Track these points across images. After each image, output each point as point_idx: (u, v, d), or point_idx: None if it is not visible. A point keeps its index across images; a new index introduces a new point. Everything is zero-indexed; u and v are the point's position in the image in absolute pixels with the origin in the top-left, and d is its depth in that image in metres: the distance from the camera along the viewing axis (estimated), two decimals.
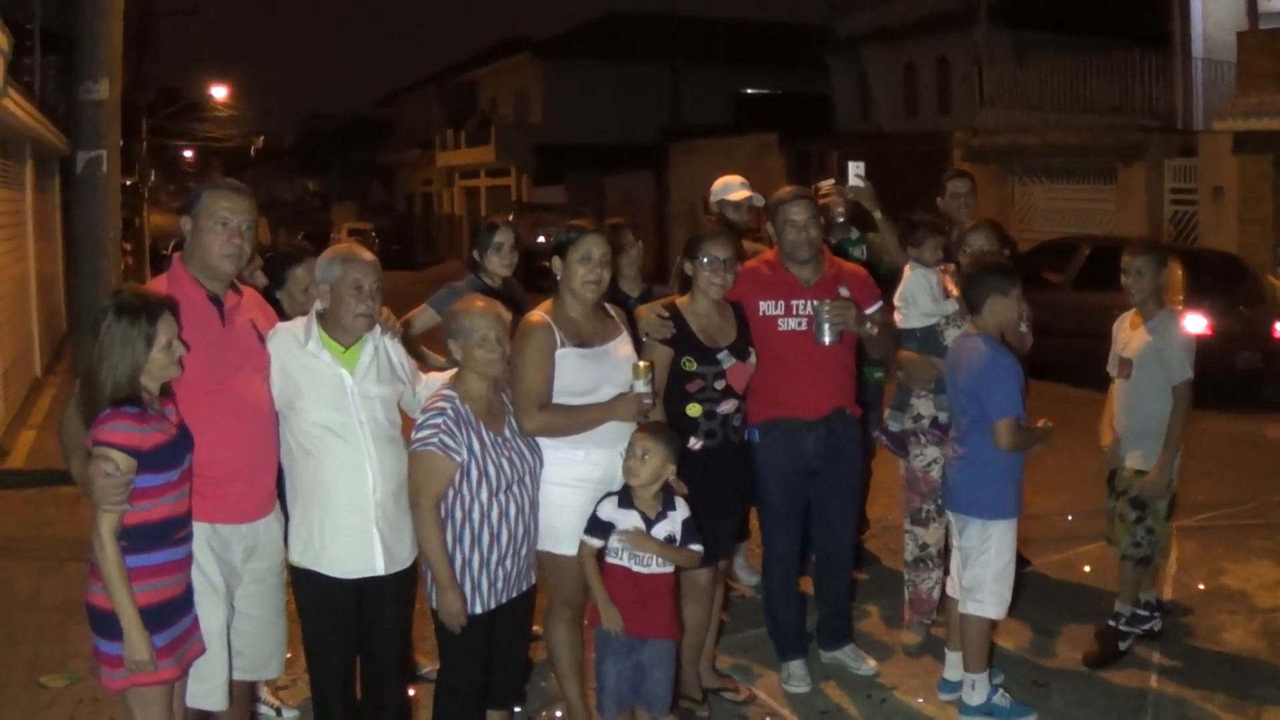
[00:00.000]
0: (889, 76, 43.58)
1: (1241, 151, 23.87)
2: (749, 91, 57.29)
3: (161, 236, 55.50)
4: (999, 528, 7.18)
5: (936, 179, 9.46)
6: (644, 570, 6.27)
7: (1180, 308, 14.93)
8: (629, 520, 6.24)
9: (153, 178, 59.29)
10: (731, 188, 9.71)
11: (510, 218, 8.37)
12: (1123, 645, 8.10)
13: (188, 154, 73.21)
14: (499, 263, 7.89)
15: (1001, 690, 7.27)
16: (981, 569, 7.19)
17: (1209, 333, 16.98)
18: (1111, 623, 8.12)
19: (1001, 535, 7.19)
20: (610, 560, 6.27)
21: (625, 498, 6.26)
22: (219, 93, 59.57)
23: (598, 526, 6.25)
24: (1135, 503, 8.02)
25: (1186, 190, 26.15)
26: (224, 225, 5.69)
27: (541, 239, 39.87)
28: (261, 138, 70.23)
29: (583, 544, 6.27)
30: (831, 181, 9.28)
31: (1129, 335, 8.07)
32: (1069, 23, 34.55)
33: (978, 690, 7.22)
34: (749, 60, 58.20)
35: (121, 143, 14.67)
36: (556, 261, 6.50)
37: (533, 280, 8.52)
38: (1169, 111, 28.23)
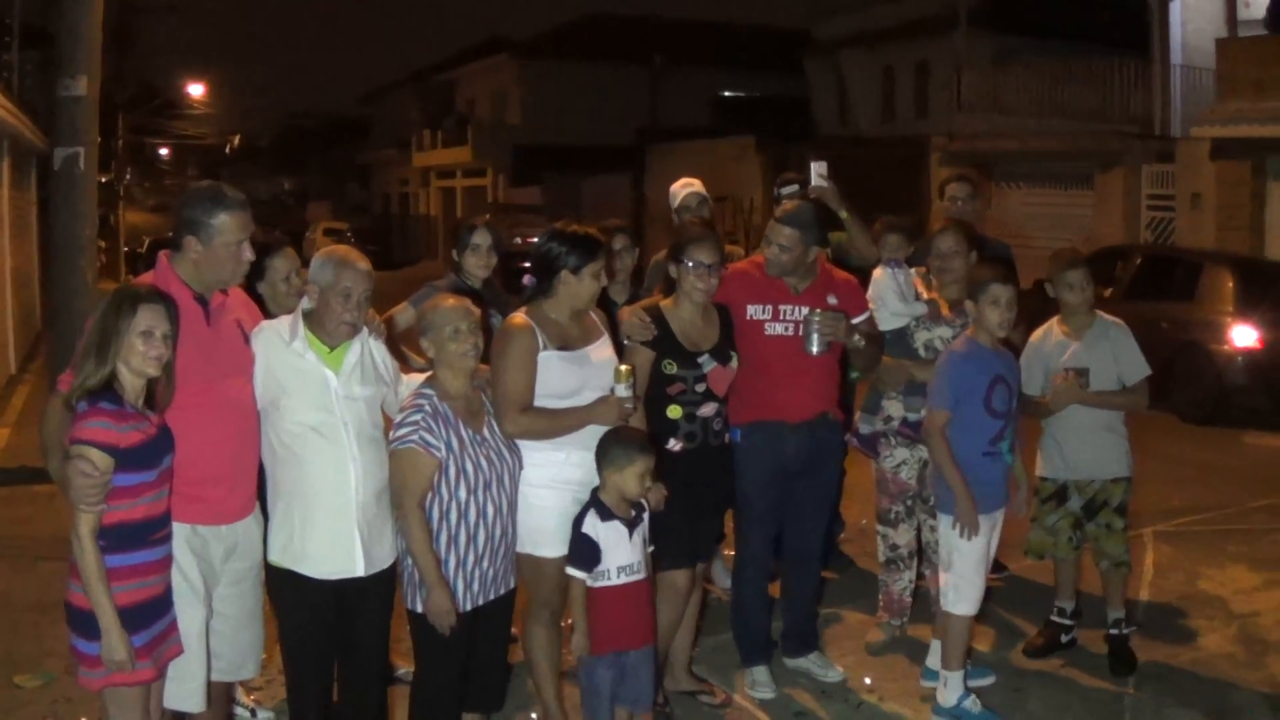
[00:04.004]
0: (867, 80, 43.68)
1: (1220, 158, 23.97)
2: (727, 94, 57.26)
3: (136, 234, 55.38)
4: (948, 520, 7.31)
5: (914, 183, 9.51)
6: (633, 579, 6.31)
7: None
8: (614, 532, 6.25)
9: (128, 175, 59.10)
10: (680, 190, 9.70)
11: (488, 218, 8.33)
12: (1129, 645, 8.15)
13: (164, 152, 72.97)
14: (476, 263, 7.86)
15: (974, 696, 7.29)
16: (957, 564, 7.31)
17: (1259, 345, 17.00)
18: (1114, 630, 8.13)
19: (954, 529, 7.31)
20: (601, 584, 6.27)
21: (605, 510, 6.26)
22: (196, 90, 59.44)
23: (584, 551, 6.23)
24: (1121, 510, 8.05)
25: (1164, 196, 26.28)
26: (239, 246, 5.69)
27: (519, 240, 39.87)
28: (238, 136, 70.07)
29: (572, 577, 6.27)
30: (794, 189, 9.21)
31: (1066, 347, 8.02)
32: (1048, 29, 34.65)
33: (950, 689, 7.30)
34: (728, 63, 58.14)
35: (100, 140, 14.61)
36: (566, 275, 6.45)
37: (509, 282, 8.50)
38: (1147, 118, 28.31)
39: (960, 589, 7.30)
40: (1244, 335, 17.03)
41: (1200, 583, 9.86)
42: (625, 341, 7.02)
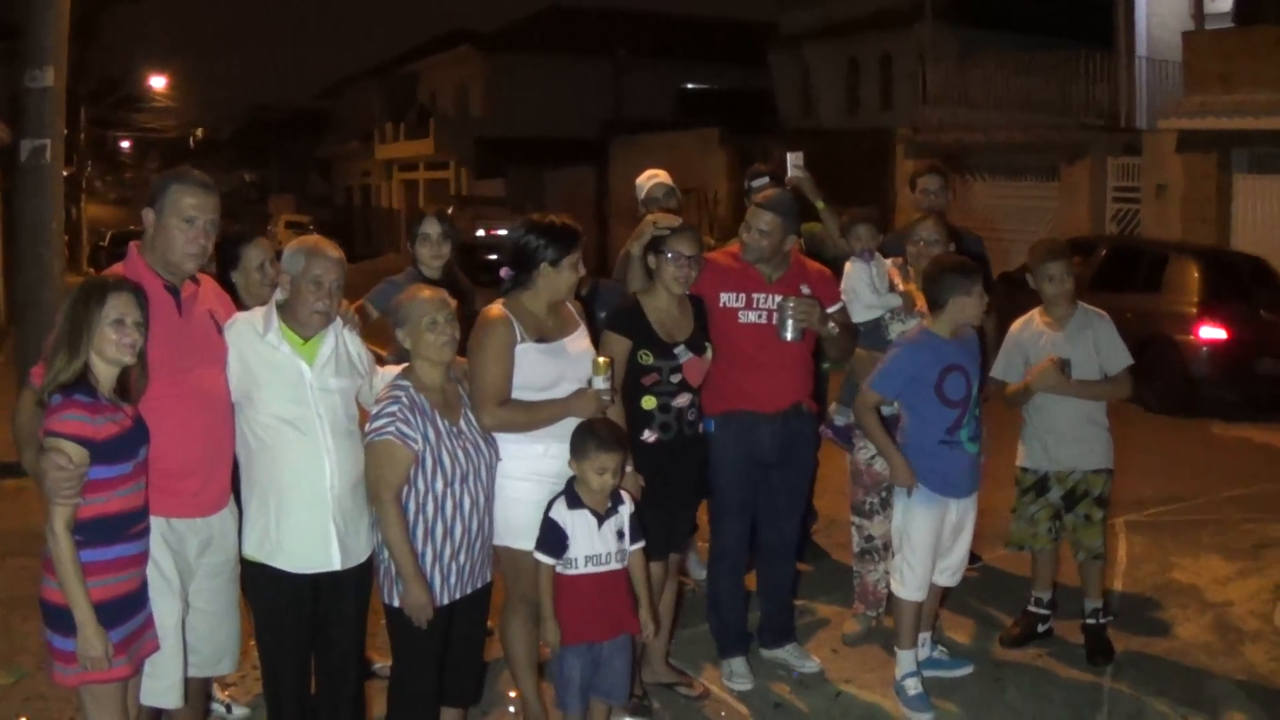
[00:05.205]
0: (832, 73, 43.69)
1: (1186, 150, 24.10)
2: (691, 86, 57.29)
3: (97, 227, 55.15)
4: (902, 502, 7.39)
5: (880, 175, 9.52)
6: (602, 570, 6.26)
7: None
8: (582, 520, 6.21)
9: (89, 168, 58.89)
10: (646, 182, 9.68)
11: (450, 210, 8.29)
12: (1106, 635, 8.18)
13: (125, 144, 72.74)
14: (428, 253, 7.83)
15: (917, 679, 7.38)
16: (905, 549, 7.41)
17: (1226, 337, 17.21)
18: (1090, 620, 8.15)
19: (902, 510, 7.40)
20: (569, 572, 6.24)
21: (575, 498, 6.22)
22: (158, 83, 59.30)
23: (552, 538, 6.20)
24: (1101, 501, 8.05)
25: (1129, 188, 26.39)
26: (189, 223, 5.59)
27: (481, 232, 39.84)
28: (200, 129, 69.90)
29: (540, 562, 6.23)
30: (764, 181, 9.17)
31: (1048, 337, 8.03)
32: (1014, 21, 34.70)
33: (899, 666, 7.44)
34: (692, 55, 58.14)
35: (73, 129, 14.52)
36: (545, 267, 6.40)
37: (473, 274, 8.46)
38: (1112, 110, 28.38)
39: (905, 574, 7.38)
40: (1210, 327, 17.14)
41: (1174, 573, 9.89)
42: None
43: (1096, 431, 8.05)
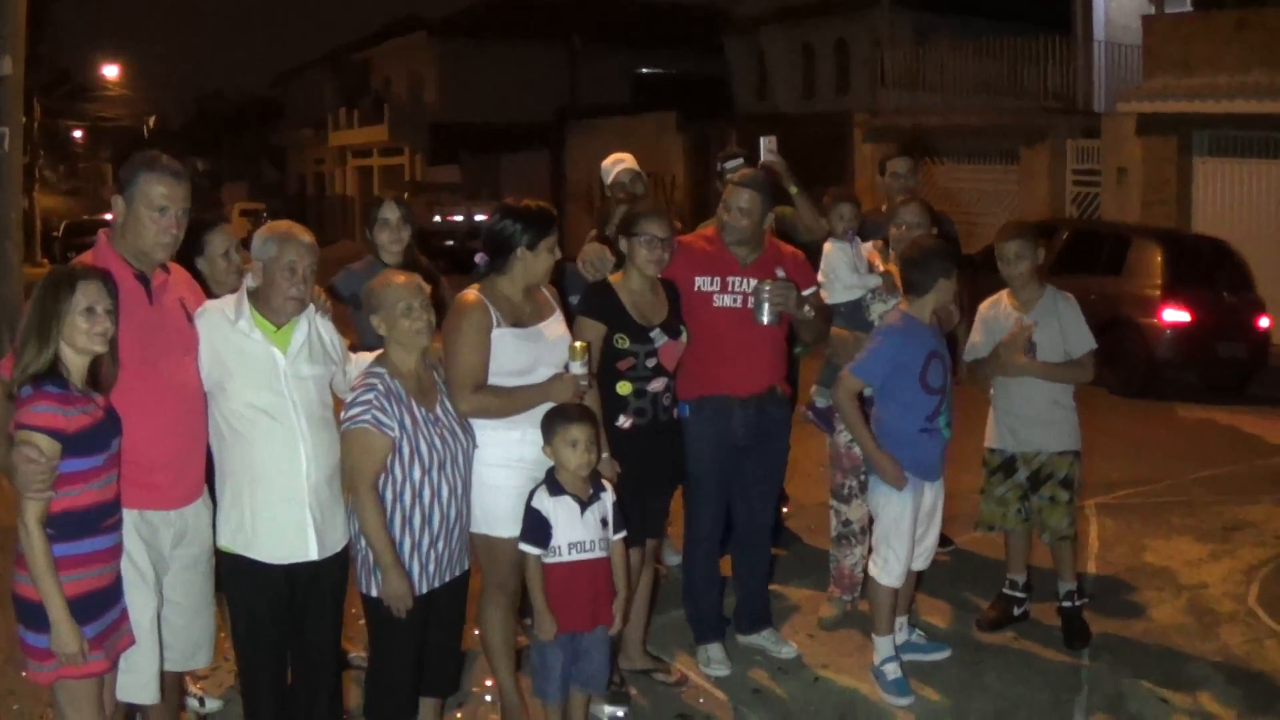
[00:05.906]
0: (787, 57, 43.65)
1: (1146, 133, 24.20)
2: (646, 71, 57.20)
3: (49, 218, 54.85)
4: (881, 492, 7.34)
5: (838, 160, 9.49)
6: (586, 557, 6.19)
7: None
8: (564, 507, 6.13)
9: (41, 159, 58.60)
10: (612, 167, 9.62)
11: (406, 196, 8.22)
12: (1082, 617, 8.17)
13: (77, 134, 72.33)
14: (388, 239, 7.75)
15: (896, 663, 7.36)
16: (893, 540, 7.35)
17: (1188, 320, 17.33)
18: (1066, 603, 8.13)
19: (885, 500, 7.35)
20: (553, 560, 6.17)
21: (556, 485, 6.16)
22: (110, 72, 58.99)
23: (536, 527, 6.13)
24: (1066, 483, 8.01)
25: (1089, 171, 26.48)
26: (161, 213, 5.49)
27: (437, 218, 39.75)
28: (153, 118, 69.55)
29: (527, 554, 6.16)
30: (738, 162, 9.12)
31: (1016, 320, 7.96)
32: (970, 5, 34.72)
33: (877, 651, 7.42)
34: (647, 40, 58.02)
35: (25, 120, 14.37)
36: (522, 251, 6.35)
37: (434, 260, 8.41)
38: (1071, 94, 28.46)
39: (891, 563, 7.35)
40: (1173, 309, 17.23)
41: (1146, 555, 9.90)
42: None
43: (1062, 414, 8.03)
